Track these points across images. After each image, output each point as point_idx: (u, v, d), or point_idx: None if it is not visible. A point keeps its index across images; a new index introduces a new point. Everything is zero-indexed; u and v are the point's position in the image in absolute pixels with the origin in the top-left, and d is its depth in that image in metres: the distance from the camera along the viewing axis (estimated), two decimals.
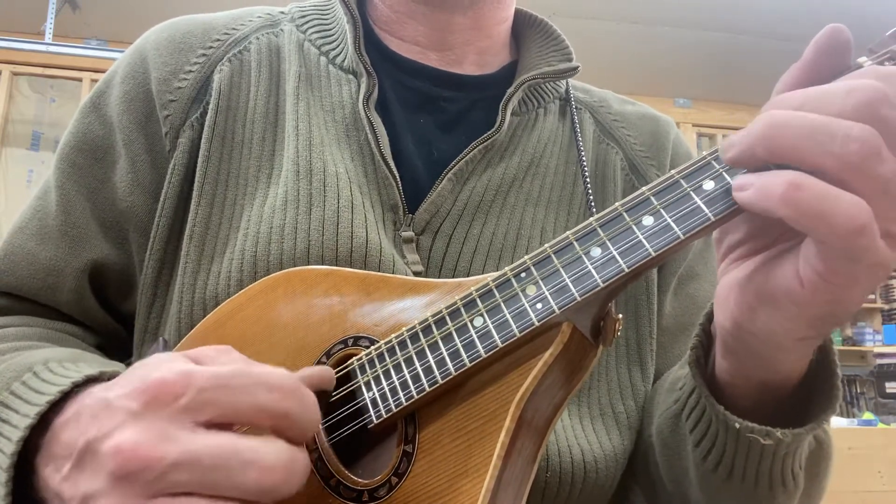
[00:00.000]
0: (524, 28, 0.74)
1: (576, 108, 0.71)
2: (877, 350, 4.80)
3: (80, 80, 3.79)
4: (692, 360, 0.48)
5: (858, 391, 4.83)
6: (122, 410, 0.36)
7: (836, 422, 3.25)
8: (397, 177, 0.60)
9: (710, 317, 0.48)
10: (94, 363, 0.47)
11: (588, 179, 0.66)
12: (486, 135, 0.63)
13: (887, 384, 4.69)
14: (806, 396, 0.46)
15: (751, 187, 0.35)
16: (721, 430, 0.47)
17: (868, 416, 3.91)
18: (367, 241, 0.56)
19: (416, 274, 0.58)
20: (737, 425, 0.45)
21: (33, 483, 0.40)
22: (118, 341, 0.64)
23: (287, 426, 0.38)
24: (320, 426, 0.47)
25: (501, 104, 0.64)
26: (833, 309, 0.36)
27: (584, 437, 0.58)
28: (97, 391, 0.39)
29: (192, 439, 0.35)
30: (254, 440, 0.36)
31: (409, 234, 0.59)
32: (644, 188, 0.40)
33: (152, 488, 0.34)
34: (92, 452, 0.36)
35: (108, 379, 0.43)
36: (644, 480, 0.62)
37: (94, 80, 3.75)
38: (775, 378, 0.44)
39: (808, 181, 0.33)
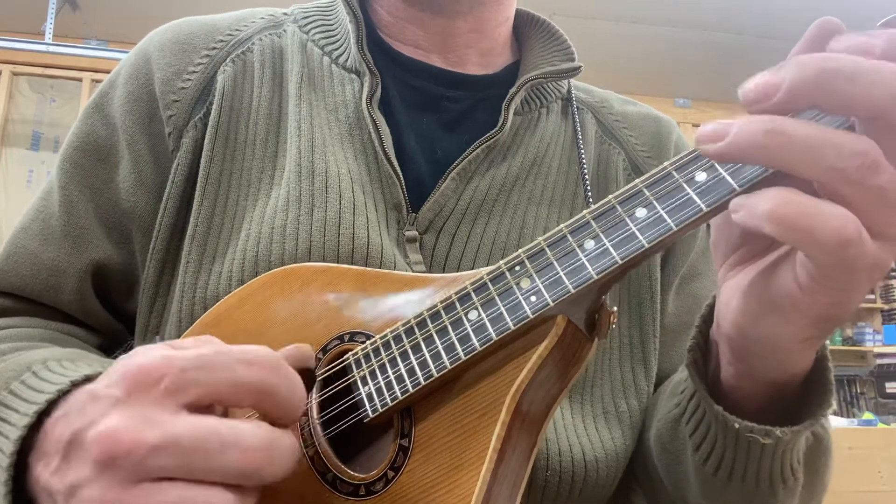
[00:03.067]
0: (526, 28, 0.74)
1: (577, 108, 0.71)
2: (877, 350, 4.81)
3: (80, 80, 3.80)
4: (689, 362, 0.48)
5: (858, 391, 4.83)
6: (106, 399, 0.36)
7: (836, 422, 3.24)
8: (400, 176, 0.60)
9: (706, 318, 0.48)
10: (93, 363, 0.47)
11: (588, 180, 0.66)
12: (488, 134, 0.63)
13: (887, 384, 4.69)
14: (801, 393, 0.46)
15: (742, 208, 0.34)
16: (720, 432, 0.46)
17: (868, 416, 3.90)
18: (368, 241, 0.56)
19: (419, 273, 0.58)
20: (736, 425, 0.44)
21: (27, 481, 0.40)
22: (120, 342, 0.65)
23: (272, 404, 0.38)
24: (317, 422, 0.47)
25: (504, 104, 0.65)
26: (834, 310, 0.36)
27: (585, 436, 0.58)
28: (86, 387, 0.39)
29: (172, 422, 0.35)
30: (235, 422, 0.36)
31: (413, 233, 0.60)
32: (637, 180, 0.40)
33: (134, 473, 0.34)
34: (78, 443, 0.36)
35: None
36: (644, 482, 0.62)
37: (95, 81, 3.76)
38: (784, 377, 0.44)
39: (793, 198, 0.32)
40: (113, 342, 0.65)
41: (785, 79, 0.33)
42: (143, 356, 0.37)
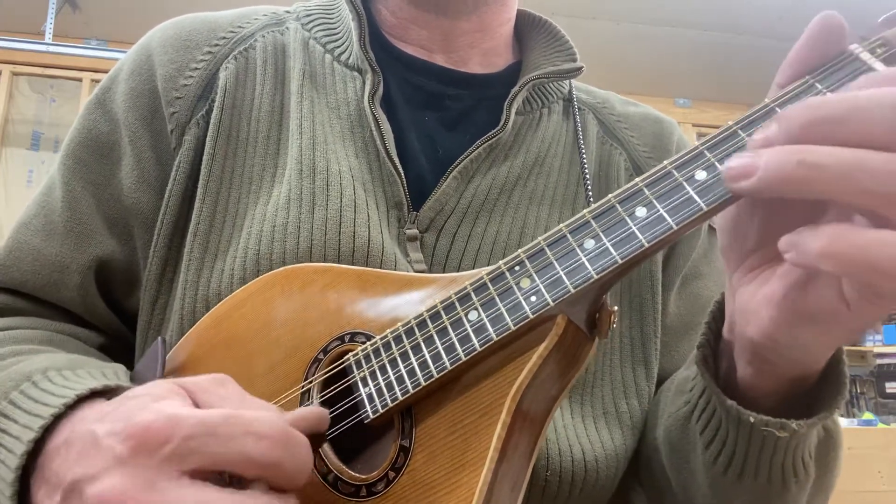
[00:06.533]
0: (527, 28, 0.74)
1: (579, 108, 0.71)
2: (877, 350, 4.79)
3: (80, 80, 3.79)
4: (699, 359, 0.48)
5: (858, 391, 4.82)
6: (108, 452, 0.36)
7: None
8: (402, 174, 0.60)
9: (715, 316, 0.48)
10: (94, 370, 0.47)
11: (589, 180, 0.66)
12: (490, 133, 0.63)
13: (887, 384, 4.68)
14: (815, 386, 0.46)
15: (792, 248, 0.33)
16: (733, 427, 0.46)
17: (868, 416, 3.90)
18: (369, 240, 0.56)
19: (420, 272, 0.58)
20: (751, 419, 0.44)
21: (27, 497, 0.40)
22: (122, 340, 0.64)
23: (276, 477, 0.38)
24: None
25: (506, 103, 0.65)
26: (875, 322, 0.36)
27: (585, 436, 0.58)
28: (90, 418, 0.39)
29: (175, 492, 0.35)
30: (237, 495, 0.36)
31: (414, 231, 0.59)
32: (637, 179, 0.40)
33: None
34: (77, 493, 0.36)
35: (112, 392, 0.43)
36: (648, 483, 0.62)
37: (94, 81, 3.75)
38: (805, 374, 0.44)
39: (843, 233, 0.31)
40: (114, 340, 0.64)
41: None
42: (150, 411, 0.37)
